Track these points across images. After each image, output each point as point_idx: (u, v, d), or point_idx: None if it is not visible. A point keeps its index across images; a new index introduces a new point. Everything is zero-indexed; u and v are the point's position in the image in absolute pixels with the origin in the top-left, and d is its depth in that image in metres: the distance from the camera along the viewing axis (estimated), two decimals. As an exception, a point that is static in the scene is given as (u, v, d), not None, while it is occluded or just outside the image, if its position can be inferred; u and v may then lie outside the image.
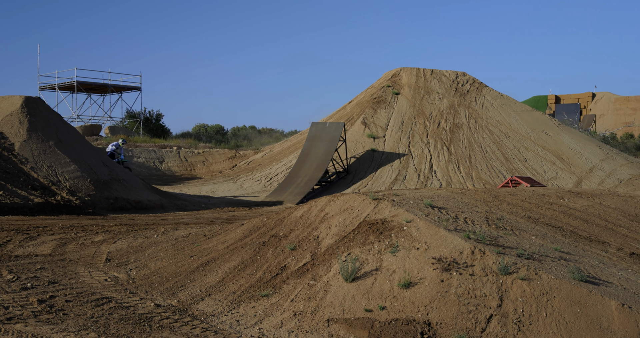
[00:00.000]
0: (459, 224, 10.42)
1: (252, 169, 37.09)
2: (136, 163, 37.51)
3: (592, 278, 8.66)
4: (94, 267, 12.13)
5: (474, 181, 32.29)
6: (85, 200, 21.74)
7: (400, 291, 8.65)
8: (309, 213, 11.95)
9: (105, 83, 49.36)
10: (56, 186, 21.72)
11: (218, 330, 8.47)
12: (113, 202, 22.93)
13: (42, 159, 22.74)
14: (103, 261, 12.64)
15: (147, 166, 37.87)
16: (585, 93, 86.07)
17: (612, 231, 12.88)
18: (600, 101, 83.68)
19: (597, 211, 14.17)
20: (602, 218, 13.70)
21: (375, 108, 39.19)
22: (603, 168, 35.12)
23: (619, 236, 12.63)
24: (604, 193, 16.80)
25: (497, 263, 8.62)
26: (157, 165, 38.39)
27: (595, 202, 14.99)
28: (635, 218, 14.32)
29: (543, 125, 39.41)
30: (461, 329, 7.82)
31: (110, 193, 23.26)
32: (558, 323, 7.68)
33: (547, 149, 36.54)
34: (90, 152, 25.37)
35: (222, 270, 10.92)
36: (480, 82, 43.02)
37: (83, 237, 15.35)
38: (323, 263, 9.85)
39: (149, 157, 38.87)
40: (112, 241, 14.67)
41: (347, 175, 33.37)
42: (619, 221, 13.74)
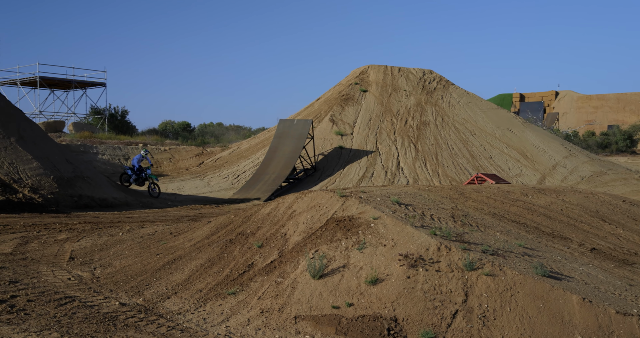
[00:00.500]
0: (426, 221, 10.51)
1: (219, 167, 36.87)
2: (101, 160, 36.97)
3: (555, 273, 8.81)
4: (57, 266, 11.92)
5: (441, 178, 32.60)
6: (48, 198, 21.36)
7: (367, 287, 8.69)
8: (276, 210, 11.93)
9: (68, 79, 48.51)
10: (18, 183, 21.28)
11: (184, 328, 8.40)
12: (77, 200, 22.57)
13: (3, 156, 22.27)
14: (66, 260, 12.43)
15: (112, 163, 37.35)
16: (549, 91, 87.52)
17: (574, 227, 13.13)
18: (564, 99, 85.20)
19: (559, 207, 14.43)
20: (565, 214, 13.96)
21: (343, 105, 39.29)
22: (566, 165, 35.78)
23: (581, 232, 12.88)
24: (566, 189, 17.12)
25: (462, 259, 8.72)
26: (122, 162, 37.88)
27: (558, 199, 15.27)
28: (596, 214, 14.62)
29: (508, 123, 39.98)
30: (427, 325, 7.90)
31: (74, 191, 22.89)
32: (521, 318, 7.80)
33: (512, 146, 37.08)
34: (53, 149, 24.91)
35: (189, 268, 10.84)
36: (447, 80, 43.45)
37: (46, 235, 15.07)
38: (290, 261, 9.85)
39: (114, 154, 38.34)
40: (76, 240, 14.44)
41: (315, 172, 33.39)
42: (580, 217, 14.02)
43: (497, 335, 7.64)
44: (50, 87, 50.25)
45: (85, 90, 51.46)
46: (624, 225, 14.19)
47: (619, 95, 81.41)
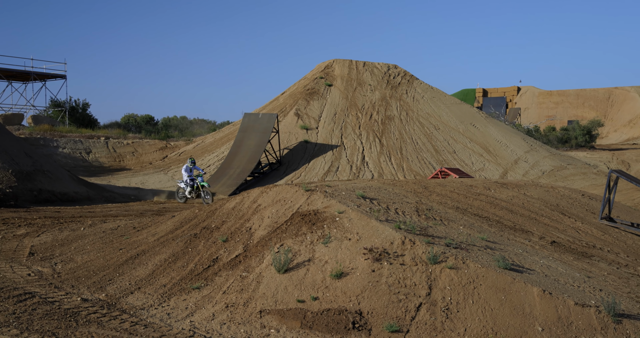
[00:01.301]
0: (390, 215, 10.58)
1: (183, 161, 36.51)
2: (61, 154, 36.28)
3: (516, 266, 8.97)
4: (16, 261, 11.68)
5: (405, 173, 32.86)
6: (7, 192, 20.88)
7: (332, 281, 8.72)
8: (241, 204, 11.87)
9: (27, 70, 47.39)
10: (-25, 177, 20.76)
11: (148, 323, 8.32)
12: (37, 194, 22.13)
13: (-40, 149, 21.69)
14: (26, 256, 12.18)
15: (73, 157, 36.70)
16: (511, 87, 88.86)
17: (535, 220, 13.37)
18: (525, 94, 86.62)
19: (521, 201, 14.68)
20: (526, 208, 14.21)
21: (308, 100, 39.26)
22: (527, 159, 36.39)
23: (541, 225, 13.13)
24: (527, 184, 17.42)
25: (426, 253, 8.81)
26: (84, 156, 37.25)
27: (520, 193, 15.53)
28: (557, 208, 14.92)
29: (471, 118, 40.47)
30: (392, 318, 7.97)
31: (34, 185, 22.44)
32: (484, 310, 7.93)
33: (475, 141, 37.56)
34: (11, 142, 24.35)
35: (153, 262, 10.73)
36: (411, 75, 43.74)
37: (4, 231, 14.75)
38: (255, 255, 9.82)
39: (75, 148, 37.66)
40: (35, 235, 14.16)
41: (280, 166, 33.32)
42: (541, 211, 14.28)
43: (460, 327, 7.74)
44: (7, 79, 48.99)
45: (44, 82, 50.36)
46: (582, 218, 14.51)
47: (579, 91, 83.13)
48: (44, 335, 7.57)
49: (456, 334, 7.65)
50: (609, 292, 8.72)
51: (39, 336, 7.53)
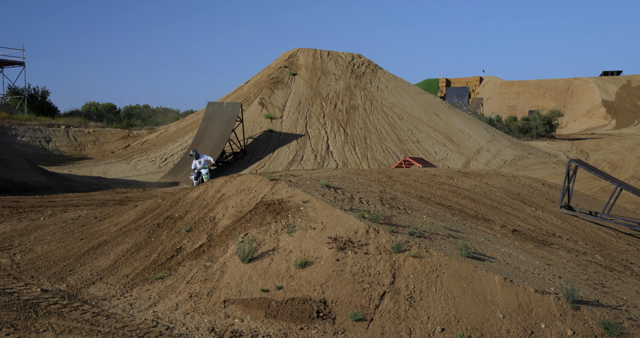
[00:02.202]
0: (355, 204, 10.63)
1: (146, 150, 36.07)
2: (20, 142, 35.48)
3: (478, 255, 9.10)
4: (-26, 253, 11.41)
5: (369, 162, 33.02)
6: (-36, 181, 20.36)
7: (296, 271, 8.73)
8: (205, 194, 11.78)
9: (-16, 57, 46.15)
10: None
11: (110, 314, 8.22)
12: (-5, 183, 21.61)
13: None
14: (-16, 246, 11.90)
15: (33, 146, 35.91)
16: (473, 77, 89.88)
17: (496, 209, 13.58)
18: (487, 84, 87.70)
19: (483, 190, 14.88)
20: (488, 197, 14.41)
21: (273, 89, 39.08)
22: (489, 149, 36.91)
23: (503, 214, 13.34)
24: (490, 173, 17.67)
25: (390, 242, 8.88)
26: (43, 145, 36.49)
27: (482, 182, 15.74)
28: (518, 196, 15.17)
29: (434, 107, 40.81)
30: (356, 306, 8.02)
31: (-8, 174, 21.90)
32: (447, 298, 8.03)
33: (439, 131, 37.92)
34: (-32, 130, 23.69)
35: (115, 252, 10.59)
36: (376, 65, 43.86)
37: (-39, 221, 14.37)
38: (220, 244, 9.77)
39: (34, 136, 36.85)
40: (-6, 225, 13.83)
41: (244, 156, 33.16)
42: (503, 199, 14.51)
43: (424, 315, 7.84)
44: (-37, 65, 47.66)
45: (2, 69, 49.09)
46: (543, 207, 14.78)
47: (540, 81, 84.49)
48: (2, 327, 7.41)
49: (419, 322, 7.74)
50: (568, 279, 8.92)
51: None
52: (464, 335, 7.41)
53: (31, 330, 7.40)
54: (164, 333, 7.59)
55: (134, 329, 7.67)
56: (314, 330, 7.75)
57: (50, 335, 7.28)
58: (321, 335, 7.65)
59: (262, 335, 7.63)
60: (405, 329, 7.67)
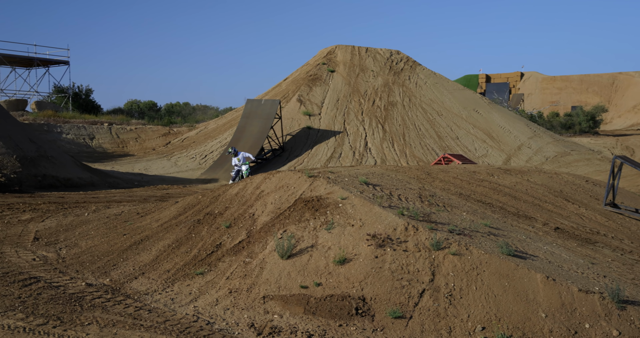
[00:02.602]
0: (393, 201, 10.58)
1: (186, 147, 36.53)
2: (65, 140, 36.31)
3: (520, 253, 8.97)
4: (21, 246, 11.73)
5: (408, 159, 32.83)
6: (11, 177, 20.92)
7: (335, 267, 8.74)
8: (244, 190, 11.88)
9: (30, 56, 47.28)
10: (-21, 163, 20.80)
11: (152, 308, 8.36)
12: (41, 179, 22.17)
13: (-36, 135, 21.71)
14: (31, 241, 12.23)
15: (77, 143, 36.72)
16: (514, 72, 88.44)
17: (538, 206, 13.36)
18: (529, 80, 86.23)
19: (524, 187, 14.66)
20: (530, 194, 14.19)
21: (311, 86, 39.15)
22: (531, 145, 36.31)
23: (545, 211, 13.12)
24: (531, 170, 17.39)
25: (429, 239, 8.82)
26: (87, 142, 37.27)
27: (523, 179, 15.51)
28: (560, 194, 14.90)
29: (474, 104, 40.34)
30: (395, 304, 7.99)
31: (38, 170, 22.47)
32: (487, 296, 7.94)
33: (478, 127, 37.46)
34: (15, 128, 24.36)
35: (156, 248, 10.76)
36: (414, 61, 43.55)
37: (9, 216, 14.79)
38: (259, 241, 9.84)
39: (78, 133, 37.67)
40: (40, 220, 14.20)
41: (282, 153, 33.30)
42: (545, 197, 14.27)
43: (464, 313, 7.77)
44: (11, 65, 48.93)
45: (48, 68, 50.27)
46: (586, 205, 14.49)
47: (583, 76, 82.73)
48: (49, 319, 7.61)
49: (459, 320, 7.68)
50: (613, 279, 8.73)
51: (44, 320, 7.58)
52: (505, 334, 7.32)
53: (76, 323, 7.58)
54: (204, 328, 7.68)
55: (175, 324, 7.78)
56: (353, 327, 7.75)
57: (95, 328, 7.44)
58: (360, 332, 7.65)
59: (301, 331, 7.67)
60: (445, 327, 7.62)
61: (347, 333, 7.63)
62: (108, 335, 7.23)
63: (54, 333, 7.17)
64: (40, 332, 7.18)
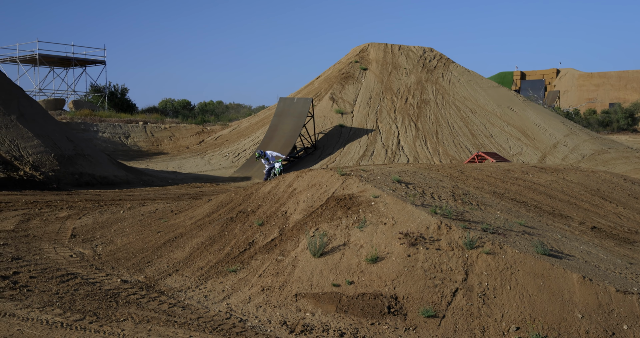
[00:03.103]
0: (426, 199, 10.51)
1: (219, 145, 36.82)
2: (101, 138, 36.91)
3: (555, 252, 8.83)
4: (59, 243, 11.97)
5: (441, 157, 32.58)
6: (49, 175, 21.37)
7: (367, 266, 8.72)
8: (277, 188, 11.92)
9: (68, 56, 48.22)
10: (19, 161, 21.28)
11: (186, 305, 8.45)
12: (78, 177, 22.59)
13: (4, 133, 22.22)
14: (68, 237, 12.47)
15: (113, 141, 37.31)
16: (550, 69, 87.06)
17: (574, 205, 13.14)
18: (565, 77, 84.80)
19: (560, 186, 14.42)
20: (565, 192, 13.96)
21: (343, 84, 39.10)
22: (567, 143, 35.72)
23: (581, 210, 12.89)
24: (567, 168, 17.10)
25: (462, 238, 8.74)
26: (122, 140, 37.84)
27: (559, 177, 15.26)
28: (597, 192, 14.62)
29: (509, 101, 39.82)
30: (427, 303, 7.94)
31: (75, 168, 22.90)
32: (522, 296, 7.84)
33: (513, 125, 36.98)
34: (54, 126, 24.86)
35: (190, 245, 10.87)
36: (447, 58, 43.18)
37: (47, 213, 15.10)
38: (291, 239, 9.87)
39: (114, 132, 38.27)
40: (77, 217, 14.47)
41: (315, 151, 33.35)
42: (581, 196, 14.02)
43: (497, 313, 7.68)
44: (49, 65, 49.95)
45: (84, 68, 51.19)
46: (624, 204, 14.20)
47: (621, 73, 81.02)
48: (85, 315, 7.75)
49: (493, 320, 7.60)
50: (651, 279, 8.54)
51: (80, 316, 7.72)
52: (540, 334, 7.21)
53: (112, 318, 7.70)
54: (237, 326, 7.74)
55: (209, 321, 7.85)
56: (385, 325, 7.73)
57: (130, 324, 7.55)
58: (392, 331, 7.62)
59: (333, 329, 7.67)
60: (478, 327, 7.54)
61: (379, 332, 7.61)
62: (143, 331, 7.33)
63: (91, 329, 7.30)
64: (77, 328, 7.31)
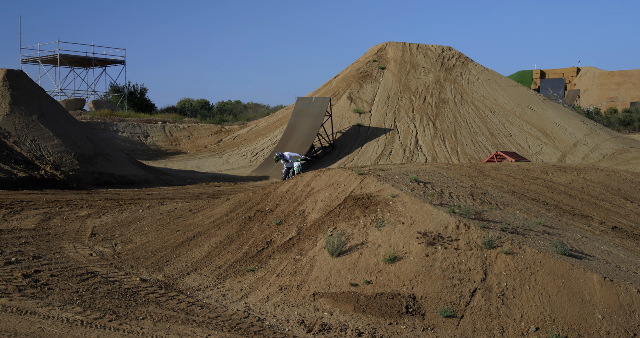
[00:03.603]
0: (444, 199, 10.46)
1: (237, 144, 36.96)
2: (120, 138, 37.22)
3: (575, 252, 8.75)
4: (79, 242, 12.09)
5: (459, 156, 32.42)
6: (70, 175, 21.59)
7: (385, 265, 8.70)
8: (294, 188, 11.94)
9: (88, 56, 48.68)
10: (40, 160, 21.52)
11: (204, 304, 8.49)
12: (98, 177, 22.79)
13: (25, 133, 22.49)
14: (88, 236, 12.59)
15: (132, 141, 37.60)
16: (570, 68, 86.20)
17: (595, 205, 13.00)
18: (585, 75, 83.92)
19: (580, 185, 14.28)
20: (586, 192, 13.82)
21: (361, 83, 39.05)
22: (587, 142, 35.37)
23: (602, 210, 12.76)
24: (587, 167, 16.93)
25: (481, 238, 8.68)
26: (142, 140, 38.13)
27: (579, 177, 15.11)
28: (618, 192, 14.45)
29: (528, 100, 39.51)
30: (446, 303, 7.90)
31: (95, 168, 23.11)
32: (541, 296, 7.78)
33: (532, 124, 36.69)
34: (74, 126, 25.11)
35: (208, 244, 10.92)
36: (466, 57, 42.94)
37: (68, 212, 15.26)
38: (309, 238, 9.88)
39: (133, 131, 38.56)
40: (97, 216, 14.60)
41: (333, 150, 33.35)
42: (602, 195, 13.87)
43: (516, 313, 7.63)
44: (70, 65, 50.46)
45: (104, 68, 51.66)
46: (645, 204, 14.02)
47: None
48: (105, 313, 7.82)
49: (512, 320, 7.54)
50: (674, 280, 8.43)
51: (100, 314, 7.79)
52: (559, 334, 7.15)
53: (131, 317, 7.76)
54: (255, 324, 7.76)
55: (227, 319, 7.89)
56: (403, 325, 7.71)
57: (149, 322, 7.60)
58: (410, 331, 7.60)
59: (351, 329, 7.66)
60: (497, 327, 7.50)
61: (397, 332, 7.59)
62: (161, 329, 7.38)
63: (110, 327, 7.36)
64: (97, 326, 7.38)
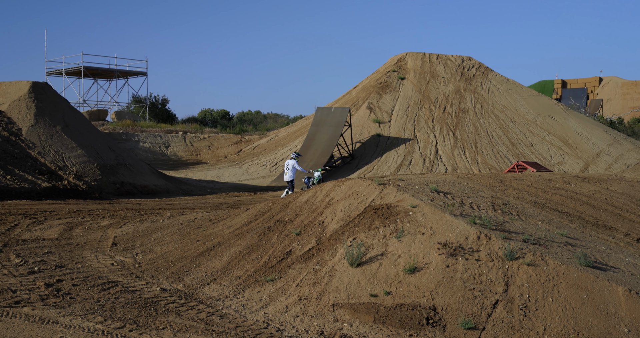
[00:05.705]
0: (465, 209, 10.38)
1: (257, 154, 37.08)
2: (142, 148, 37.53)
3: (599, 264, 8.62)
4: (101, 251, 12.17)
5: (480, 166, 32.20)
6: (92, 185, 21.80)
7: (405, 276, 8.64)
8: (314, 197, 11.93)
9: (111, 68, 49.28)
10: (63, 170, 21.76)
11: (224, 314, 8.49)
12: (119, 187, 22.99)
13: (49, 144, 22.78)
14: (109, 246, 12.68)
15: (153, 151, 37.90)
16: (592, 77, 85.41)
17: (619, 216, 12.82)
18: (607, 85, 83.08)
19: (604, 196, 14.10)
20: (609, 203, 13.64)
21: (381, 93, 39.03)
22: (610, 152, 34.95)
23: (627, 221, 12.58)
24: (611, 178, 16.71)
25: (503, 249, 8.60)
26: (162, 150, 38.41)
27: (602, 187, 14.92)
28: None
29: (549, 110, 39.19)
30: (467, 314, 7.82)
31: (117, 178, 23.32)
32: (564, 309, 7.66)
33: (554, 134, 36.37)
34: (96, 137, 25.39)
35: (228, 254, 10.94)
36: (486, 67, 42.76)
37: (90, 221, 15.39)
38: (328, 248, 9.85)
39: (154, 142, 38.88)
40: (118, 226, 14.71)
41: (352, 160, 33.31)
42: (626, 206, 13.68)
43: (539, 325, 7.52)
44: (93, 77, 51.13)
45: (127, 79, 52.25)
46: (671, 215, 13.80)
47: (667, 81, 78.98)
48: (125, 323, 7.85)
49: (535, 333, 7.44)
50: (700, 293, 8.26)
51: (121, 324, 7.82)
52: (583, 348, 7.04)
53: (151, 326, 7.78)
54: (274, 335, 7.74)
55: (246, 330, 7.87)
56: (424, 337, 7.64)
57: (169, 332, 7.62)
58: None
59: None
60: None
61: (418, 344, 7.51)
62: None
63: (131, 337, 7.38)
64: (117, 335, 7.41)
